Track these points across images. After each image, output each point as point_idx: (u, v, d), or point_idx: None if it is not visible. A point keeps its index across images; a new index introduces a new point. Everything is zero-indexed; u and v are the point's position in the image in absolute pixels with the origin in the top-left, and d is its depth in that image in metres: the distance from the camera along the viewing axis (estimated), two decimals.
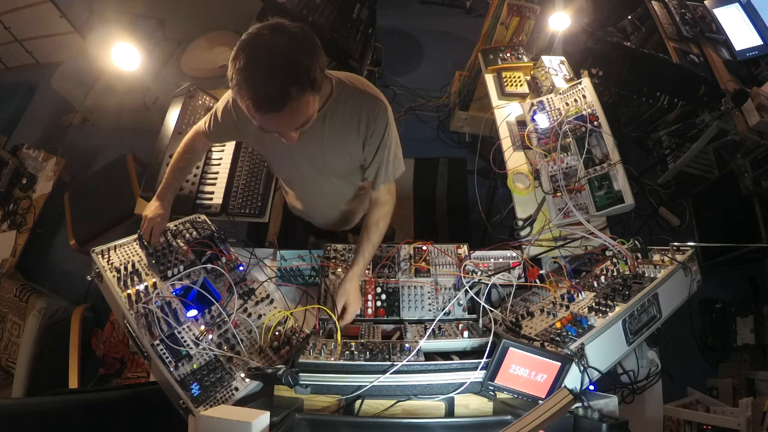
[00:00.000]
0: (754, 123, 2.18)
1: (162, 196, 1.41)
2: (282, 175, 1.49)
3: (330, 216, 1.60)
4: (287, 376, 1.00)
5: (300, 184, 1.47)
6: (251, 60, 0.90)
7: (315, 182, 1.38)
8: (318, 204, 1.55)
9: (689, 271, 1.27)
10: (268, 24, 0.95)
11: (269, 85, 0.91)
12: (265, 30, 0.93)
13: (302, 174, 1.36)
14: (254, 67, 0.90)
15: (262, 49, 0.91)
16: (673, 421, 2.05)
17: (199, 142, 1.43)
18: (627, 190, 1.52)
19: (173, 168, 1.42)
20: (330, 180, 1.38)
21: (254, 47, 0.92)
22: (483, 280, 1.40)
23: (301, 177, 1.39)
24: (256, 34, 0.93)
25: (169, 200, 1.42)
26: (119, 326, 2.43)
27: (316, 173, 1.33)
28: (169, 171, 1.42)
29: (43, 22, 3.65)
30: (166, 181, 1.42)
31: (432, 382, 1.04)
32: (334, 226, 1.66)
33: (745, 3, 2.63)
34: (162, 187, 1.42)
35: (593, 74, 2.41)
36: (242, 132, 1.29)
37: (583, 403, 1.00)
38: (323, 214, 1.62)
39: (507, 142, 1.85)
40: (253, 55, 0.91)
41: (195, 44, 3.30)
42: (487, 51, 2.25)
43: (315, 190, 1.45)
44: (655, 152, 3.11)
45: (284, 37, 0.92)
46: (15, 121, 3.81)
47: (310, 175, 1.35)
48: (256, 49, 0.91)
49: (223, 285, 1.33)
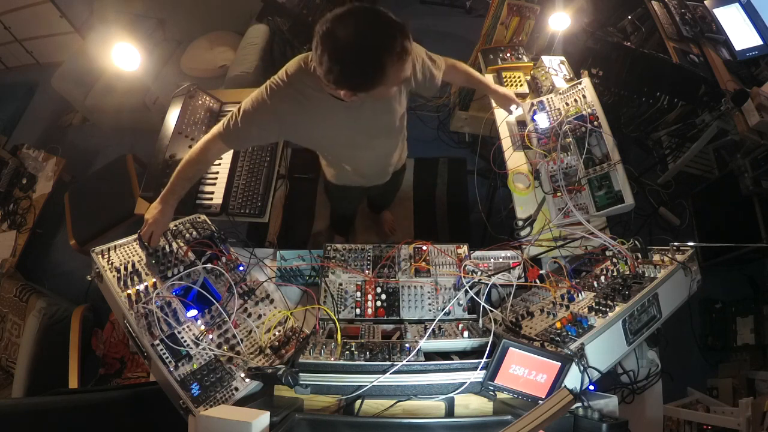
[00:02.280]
0: (754, 123, 2.18)
1: (165, 200, 1.36)
2: (338, 152, 1.57)
3: (379, 171, 1.74)
4: (287, 376, 1.00)
5: (356, 154, 1.55)
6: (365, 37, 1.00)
7: (373, 145, 1.49)
8: (372, 162, 1.65)
9: (689, 271, 1.27)
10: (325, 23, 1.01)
11: (399, 36, 1.00)
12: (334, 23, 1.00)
13: (362, 143, 1.46)
14: (377, 36, 1.00)
15: (359, 27, 1.00)
16: (673, 421, 2.05)
17: (214, 150, 1.36)
18: (627, 190, 1.52)
19: (181, 176, 1.35)
20: (383, 139, 1.51)
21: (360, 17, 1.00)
22: (483, 280, 1.40)
23: (360, 147, 1.49)
24: (334, 30, 1.00)
25: (171, 205, 1.37)
26: (119, 326, 2.43)
27: (374, 137, 1.45)
28: (176, 178, 1.35)
29: (43, 22, 3.65)
30: (171, 186, 1.36)
31: (432, 382, 1.04)
32: (379, 179, 1.79)
33: (745, 3, 2.63)
34: (167, 191, 1.36)
35: (593, 74, 2.41)
36: (285, 131, 1.32)
37: (583, 403, 1.00)
38: (374, 172, 1.74)
39: (507, 142, 1.85)
40: (362, 35, 1.00)
41: (195, 44, 3.29)
42: (487, 51, 2.25)
43: (372, 152, 1.56)
44: (655, 152, 3.11)
45: (354, 15, 1.00)
46: (15, 121, 3.81)
47: (367, 142, 1.45)
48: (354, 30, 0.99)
49: (223, 285, 1.33)
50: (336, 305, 1.38)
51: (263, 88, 1.25)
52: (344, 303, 1.39)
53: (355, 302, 1.40)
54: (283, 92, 1.22)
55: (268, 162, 1.85)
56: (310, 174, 2.95)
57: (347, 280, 1.44)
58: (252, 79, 2.54)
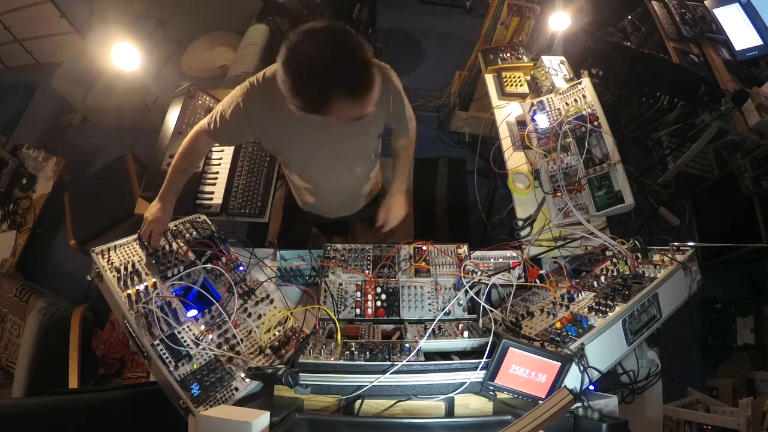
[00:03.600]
0: (754, 123, 2.18)
1: (164, 197, 1.39)
2: (301, 169, 1.51)
3: (344, 202, 1.70)
4: (287, 376, 1.00)
5: (320, 175, 1.50)
6: (322, 61, 0.94)
7: (337, 170, 1.46)
8: (335, 192, 1.61)
9: (689, 271, 1.27)
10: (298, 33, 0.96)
11: (357, 74, 0.95)
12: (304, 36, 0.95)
13: (326, 164, 1.42)
14: (334, 64, 0.94)
15: (322, 49, 0.94)
16: (673, 421, 2.05)
17: (201, 142, 1.40)
18: (627, 190, 1.52)
19: (175, 169, 1.39)
20: (350, 164, 1.47)
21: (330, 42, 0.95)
22: (483, 280, 1.40)
23: (323, 167, 1.45)
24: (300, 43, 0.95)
25: (170, 202, 1.40)
26: (119, 326, 2.43)
27: (340, 160, 1.42)
28: (171, 172, 1.39)
29: (43, 22, 3.65)
30: (168, 182, 1.39)
31: (432, 382, 1.04)
32: (345, 210, 1.74)
33: (745, 3, 2.63)
34: (164, 188, 1.40)
35: (593, 74, 2.41)
36: (256, 131, 1.30)
37: (583, 403, 1.00)
38: (338, 203, 1.69)
39: (507, 142, 1.85)
40: (320, 58, 0.94)
41: (195, 44, 3.29)
42: (487, 51, 2.25)
43: (334, 179, 1.51)
44: (655, 152, 3.11)
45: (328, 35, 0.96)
46: (15, 121, 3.81)
47: (333, 163, 1.42)
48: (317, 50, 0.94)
49: (223, 285, 1.33)
50: (336, 305, 1.38)
51: (239, 87, 1.25)
52: (344, 303, 1.39)
53: (355, 302, 1.39)
54: (256, 92, 1.22)
55: (268, 162, 1.85)
56: None
57: (347, 280, 1.44)
58: None
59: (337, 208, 1.72)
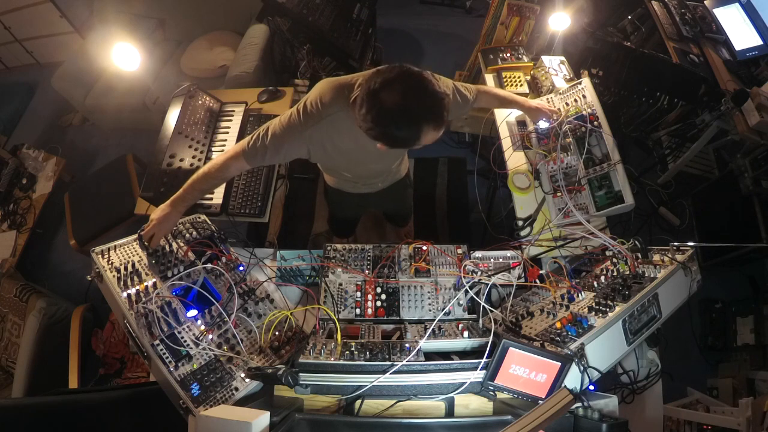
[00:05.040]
0: (754, 123, 2.18)
1: (174, 204, 1.35)
2: (336, 171, 1.67)
3: (375, 176, 1.75)
4: (287, 376, 1.00)
5: (355, 172, 1.63)
6: (409, 109, 1.07)
7: (370, 166, 1.59)
8: (371, 174, 1.70)
9: (689, 271, 1.27)
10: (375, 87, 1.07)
11: (437, 107, 1.08)
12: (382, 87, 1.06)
13: (365, 168, 1.59)
14: (420, 107, 1.07)
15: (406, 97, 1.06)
16: (673, 421, 2.05)
17: (234, 168, 1.36)
18: (627, 190, 1.52)
19: (195, 187, 1.35)
20: (387, 162, 1.63)
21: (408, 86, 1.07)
22: (483, 280, 1.40)
23: (359, 168, 1.58)
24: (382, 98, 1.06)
25: (179, 211, 1.36)
26: (119, 326, 2.43)
27: (379, 162, 1.58)
28: (190, 187, 1.34)
29: (43, 22, 3.65)
30: (183, 194, 1.34)
31: (432, 382, 1.04)
32: (369, 188, 1.80)
33: (745, 3, 2.63)
34: (177, 197, 1.35)
35: (593, 74, 2.41)
36: (305, 153, 1.34)
37: (583, 403, 1.00)
38: (371, 174, 1.74)
39: (507, 142, 1.85)
40: (407, 107, 1.07)
41: (195, 44, 3.29)
42: (487, 51, 2.25)
43: (367, 171, 1.64)
44: (655, 152, 3.10)
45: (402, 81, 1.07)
46: (15, 121, 3.81)
47: (371, 165, 1.57)
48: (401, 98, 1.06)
49: (223, 285, 1.33)
50: (336, 305, 1.38)
51: (296, 112, 1.26)
52: (344, 303, 1.39)
53: (355, 302, 1.39)
54: (318, 119, 1.24)
55: None
56: (310, 174, 2.96)
57: (347, 280, 1.44)
58: (252, 79, 2.54)
59: (368, 181, 1.77)
